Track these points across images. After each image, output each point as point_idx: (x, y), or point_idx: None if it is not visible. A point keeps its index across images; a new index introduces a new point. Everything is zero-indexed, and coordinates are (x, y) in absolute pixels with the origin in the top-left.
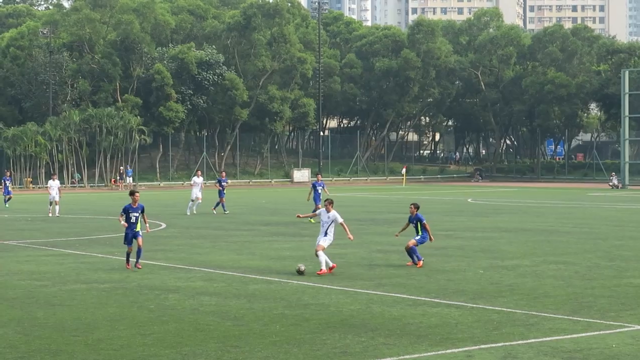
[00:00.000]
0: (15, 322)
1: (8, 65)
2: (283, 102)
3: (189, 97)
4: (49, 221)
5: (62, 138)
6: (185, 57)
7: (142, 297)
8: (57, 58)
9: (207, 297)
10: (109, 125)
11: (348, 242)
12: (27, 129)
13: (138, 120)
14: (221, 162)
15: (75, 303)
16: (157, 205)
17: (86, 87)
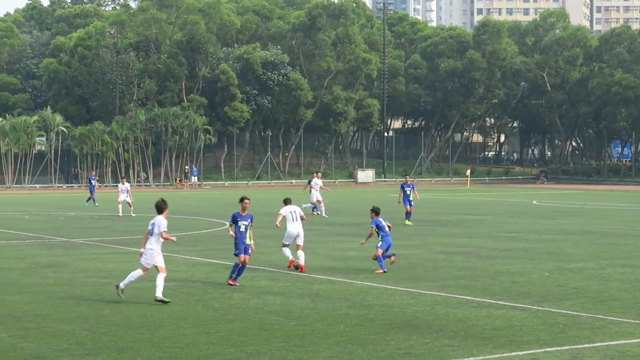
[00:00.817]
0: (82, 319)
1: (76, 65)
2: (347, 102)
3: (253, 97)
4: (115, 219)
5: (128, 137)
6: (250, 58)
7: (207, 296)
8: (124, 58)
9: (272, 297)
10: (174, 124)
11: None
12: (94, 128)
13: (203, 119)
14: (285, 162)
15: (141, 301)
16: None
17: (152, 87)
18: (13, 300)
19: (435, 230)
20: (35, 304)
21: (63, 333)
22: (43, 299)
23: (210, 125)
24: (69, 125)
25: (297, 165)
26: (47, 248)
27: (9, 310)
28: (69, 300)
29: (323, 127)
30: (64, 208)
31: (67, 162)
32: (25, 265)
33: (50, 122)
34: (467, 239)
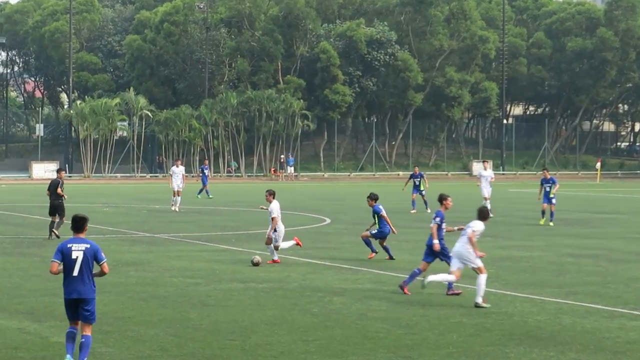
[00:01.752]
0: (167, 323)
1: (161, 42)
2: (462, 85)
3: (357, 79)
4: (203, 213)
5: (218, 122)
6: (353, 35)
7: (304, 300)
8: (214, 35)
9: (376, 302)
10: (269, 109)
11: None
12: (181, 112)
13: (301, 104)
14: (392, 151)
15: (231, 304)
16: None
17: (245, 67)
18: None
19: (560, 230)
20: (116, 305)
21: (146, 338)
22: (124, 299)
23: (308, 110)
24: (154, 108)
25: (405, 155)
26: (128, 244)
27: None
28: (152, 301)
29: (434, 113)
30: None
31: (150, 149)
32: None
33: (133, 105)
34: (596, 240)
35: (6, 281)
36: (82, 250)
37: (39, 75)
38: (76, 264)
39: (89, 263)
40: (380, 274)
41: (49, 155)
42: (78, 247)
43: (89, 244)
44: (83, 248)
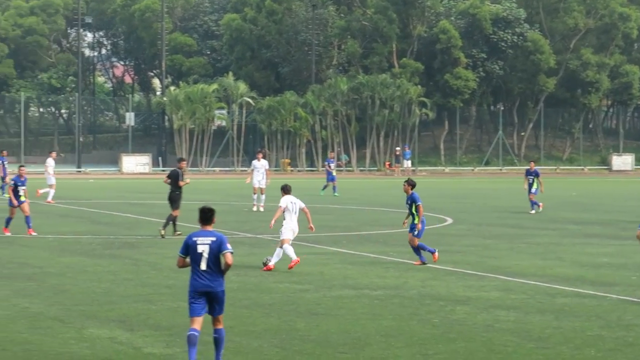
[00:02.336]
0: (272, 333)
1: (263, 22)
2: (600, 69)
3: (481, 62)
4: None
5: (327, 111)
6: (477, 13)
7: (424, 309)
8: (322, 14)
9: (504, 312)
10: (383, 96)
11: None
12: (285, 100)
13: (419, 90)
14: (521, 143)
15: (343, 313)
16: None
17: (356, 49)
18: None
19: None
20: None
21: (248, 350)
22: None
23: (427, 97)
24: (255, 95)
25: (536, 147)
26: None
27: (184, 319)
28: (256, 309)
29: (568, 100)
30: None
31: (252, 140)
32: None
33: (233, 91)
34: None
35: (96, 286)
36: (208, 243)
37: (128, 59)
38: (202, 257)
39: (216, 256)
40: (508, 280)
41: (140, 147)
42: (204, 241)
43: (215, 237)
44: (209, 242)
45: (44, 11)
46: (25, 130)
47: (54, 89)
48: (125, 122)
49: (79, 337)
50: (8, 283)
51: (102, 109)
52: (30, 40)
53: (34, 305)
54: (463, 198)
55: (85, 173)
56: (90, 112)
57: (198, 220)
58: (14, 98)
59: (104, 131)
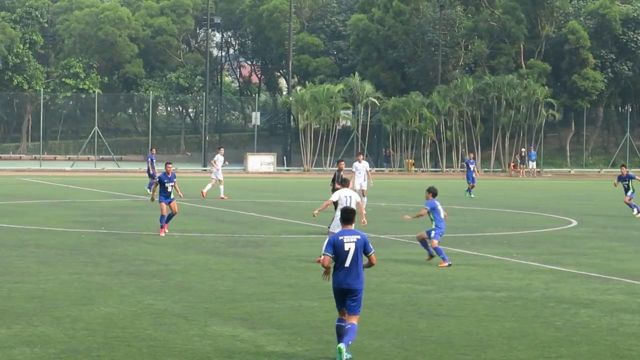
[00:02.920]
0: (393, 334)
1: (390, 22)
2: None
3: (610, 62)
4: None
5: (452, 111)
6: (607, 13)
7: (547, 311)
8: (449, 14)
9: (629, 315)
10: (509, 96)
11: None
12: (411, 100)
13: (545, 91)
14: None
15: (465, 314)
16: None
17: (483, 50)
18: (311, 307)
19: None
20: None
21: (370, 349)
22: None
23: (554, 98)
24: (381, 95)
25: None
26: None
27: (306, 318)
28: (378, 309)
29: None
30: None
31: (376, 140)
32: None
33: (358, 91)
34: None
35: (219, 284)
36: (354, 242)
37: (255, 59)
38: (348, 255)
39: (359, 254)
40: (633, 284)
41: (266, 146)
42: (350, 239)
43: (360, 235)
44: (354, 240)
45: (173, 11)
46: (152, 129)
47: (182, 88)
48: (251, 122)
49: (202, 334)
50: (134, 280)
51: (228, 108)
52: (160, 40)
53: (158, 302)
54: (588, 200)
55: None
56: (217, 111)
57: (340, 220)
58: (143, 97)
59: (230, 130)
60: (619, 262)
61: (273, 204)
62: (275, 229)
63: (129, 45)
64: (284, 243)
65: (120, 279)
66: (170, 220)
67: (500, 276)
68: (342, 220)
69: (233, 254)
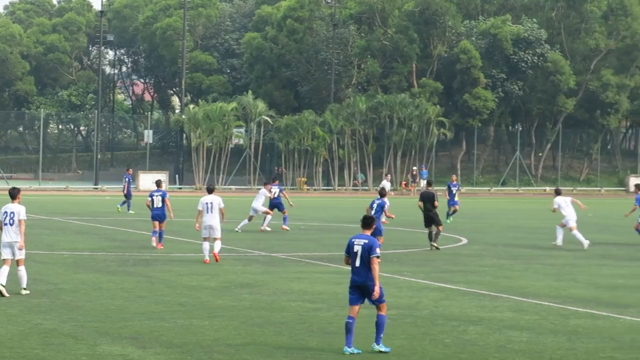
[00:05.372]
0: (284, 352)
1: (284, 40)
2: (620, 90)
3: (501, 82)
4: (325, 231)
5: (345, 130)
6: (498, 33)
7: (436, 329)
8: (342, 32)
9: (517, 332)
10: (401, 115)
11: None
12: (304, 118)
13: (437, 110)
14: (538, 164)
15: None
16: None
17: (375, 69)
18: (201, 325)
19: None
20: (228, 330)
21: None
22: (237, 325)
23: (445, 117)
24: (274, 114)
25: (553, 168)
26: (242, 263)
27: (196, 337)
28: (267, 328)
29: (587, 122)
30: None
31: (269, 159)
32: (217, 283)
33: (251, 110)
34: None
35: (109, 303)
36: (361, 245)
37: (148, 77)
38: (357, 256)
39: (366, 256)
40: (521, 301)
41: (158, 164)
42: (359, 242)
43: (367, 240)
44: (362, 243)
45: (66, 29)
46: (44, 147)
47: (74, 106)
48: (143, 140)
49: (91, 353)
50: (22, 299)
51: (120, 127)
52: (52, 58)
53: (47, 322)
54: (479, 218)
55: (102, 190)
56: (109, 129)
57: (361, 225)
58: (34, 115)
59: (122, 148)
60: (508, 279)
61: (166, 222)
62: (166, 248)
63: (20, 62)
64: (175, 261)
65: (9, 299)
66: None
67: (390, 294)
68: (361, 225)
69: (123, 273)
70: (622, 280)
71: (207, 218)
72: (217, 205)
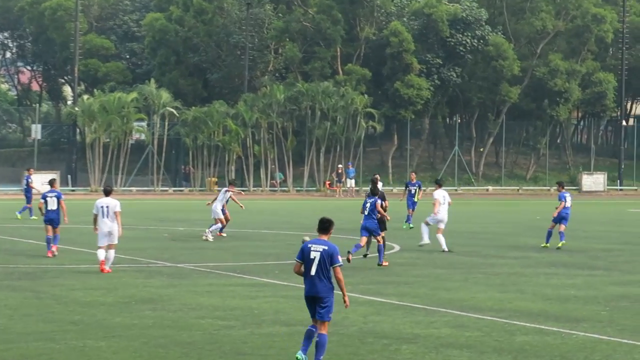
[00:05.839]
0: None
1: (190, 22)
2: (570, 77)
3: (436, 68)
4: (239, 238)
5: (260, 123)
6: (433, 13)
7: (365, 348)
8: (257, 13)
9: (457, 351)
10: (324, 106)
11: None
12: (214, 110)
13: (365, 100)
14: (479, 160)
15: (273, 353)
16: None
17: (295, 54)
18: (97, 347)
19: None
20: (127, 352)
21: None
22: (137, 346)
23: (374, 107)
24: (180, 105)
25: (496, 165)
26: (144, 276)
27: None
28: (173, 348)
29: (534, 112)
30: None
31: (175, 156)
32: (115, 299)
33: (154, 101)
34: None
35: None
36: (320, 251)
37: (36, 64)
38: (313, 263)
39: (325, 264)
40: (461, 315)
41: (48, 163)
42: (316, 248)
43: (327, 246)
44: (321, 249)
45: None
46: None
47: None
48: (30, 135)
49: None
50: None
51: (4, 120)
52: None
53: None
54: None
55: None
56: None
57: (317, 229)
58: None
59: (6, 145)
60: (446, 291)
61: None
62: (57, 258)
63: None
64: (67, 274)
65: None
66: None
67: None
68: (318, 229)
69: (8, 288)
70: (573, 291)
71: (103, 224)
72: (112, 209)
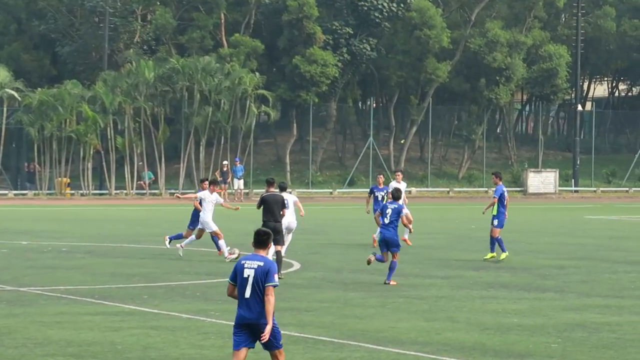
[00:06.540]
0: None
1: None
2: (512, 51)
3: (346, 39)
4: (97, 254)
5: (124, 109)
6: None
7: None
8: None
9: None
10: (205, 87)
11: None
12: (65, 93)
13: (257, 79)
14: (400, 155)
15: None
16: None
17: (167, 21)
18: None
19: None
20: None
21: None
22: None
23: (268, 89)
24: (22, 87)
25: (421, 161)
26: None
27: None
28: None
29: (468, 95)
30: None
31: (16, 150)
32: None
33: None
34: None
35: None
36: (254, 268)
37: None
38: (248, 283)
39: (261, 283)
40: (376, 349)
41: None
42: (250, 265)
43: (263, 262)
44: (255, 266)
45: None
46: None
47: None
48: None
49: None
50: None
51: None
52: None
53: None
54: (317, 234)
55: None
56: None
57: (252, 244)
58: None
59: None
60: (358, 319)
61: None
62: None
63: None
64: None
65: None
66: None
67: (191, 343)
68: (253, 243)
69: None
70: (516, 318)
71: None
72: None
